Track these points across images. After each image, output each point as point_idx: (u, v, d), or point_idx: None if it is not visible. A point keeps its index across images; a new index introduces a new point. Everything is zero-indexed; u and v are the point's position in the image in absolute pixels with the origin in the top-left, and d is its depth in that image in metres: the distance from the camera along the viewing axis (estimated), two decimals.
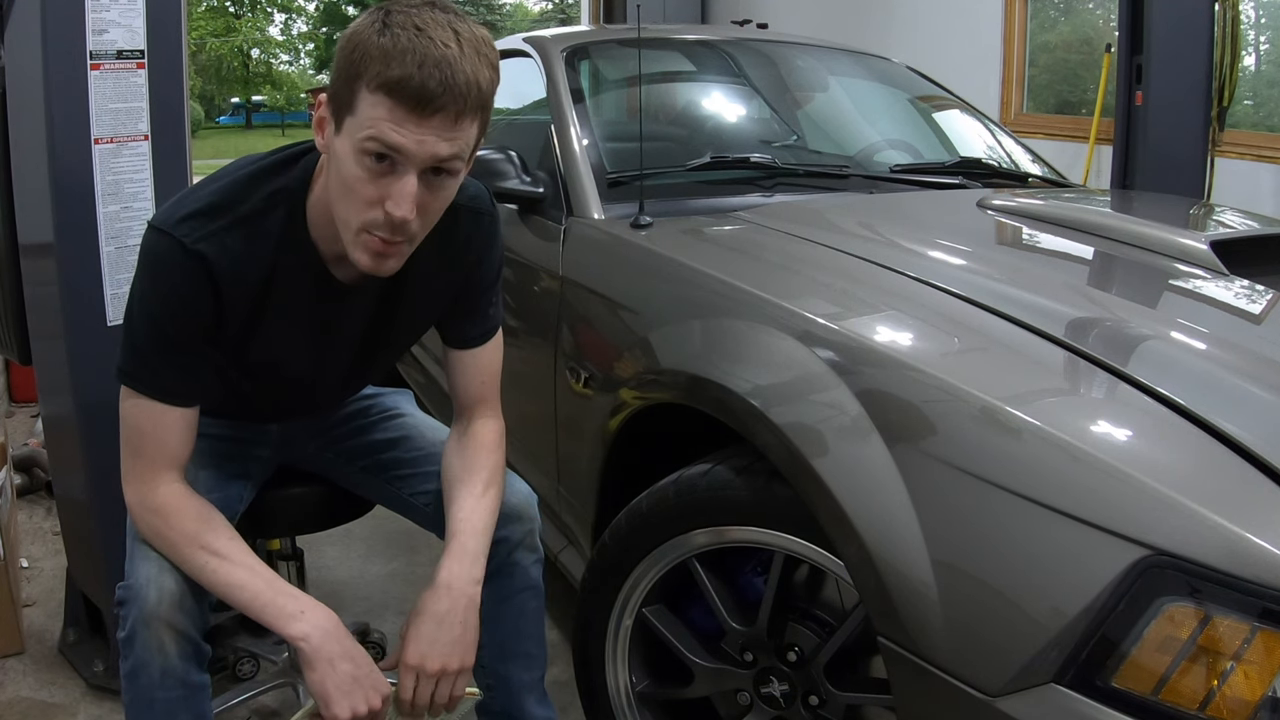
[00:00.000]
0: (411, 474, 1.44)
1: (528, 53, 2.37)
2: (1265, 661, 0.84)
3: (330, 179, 1.10)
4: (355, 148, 1.04)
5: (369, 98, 1.02)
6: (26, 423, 3.34)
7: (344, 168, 1.06)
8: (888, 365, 1.13)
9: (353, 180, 1.05)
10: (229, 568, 1.15)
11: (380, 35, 1.01)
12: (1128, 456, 0.94)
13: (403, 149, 1.02)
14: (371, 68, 1.01)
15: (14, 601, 2.01)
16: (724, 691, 1.38)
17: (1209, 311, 1.35)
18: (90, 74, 1.62)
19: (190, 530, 1.16)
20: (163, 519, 1.17)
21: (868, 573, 1.04)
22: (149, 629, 1.16)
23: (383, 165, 1.04)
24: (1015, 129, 3.77)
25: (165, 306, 1.13)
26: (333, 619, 1.15)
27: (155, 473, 1.17)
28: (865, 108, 2.59)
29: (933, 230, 1.71)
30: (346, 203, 1.07)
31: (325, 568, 2.40)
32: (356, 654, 1.14)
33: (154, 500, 1.17)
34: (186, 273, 1.11)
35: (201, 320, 1.15)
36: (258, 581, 1.15)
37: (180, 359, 1.16)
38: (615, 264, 1.70)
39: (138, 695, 1.17)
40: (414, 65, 1.00)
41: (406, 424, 1.51)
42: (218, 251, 1.12)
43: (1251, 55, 4.04)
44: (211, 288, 1.13)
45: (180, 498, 1.18)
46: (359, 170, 1.04)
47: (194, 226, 1.11)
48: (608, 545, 1.44)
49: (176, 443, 1.18)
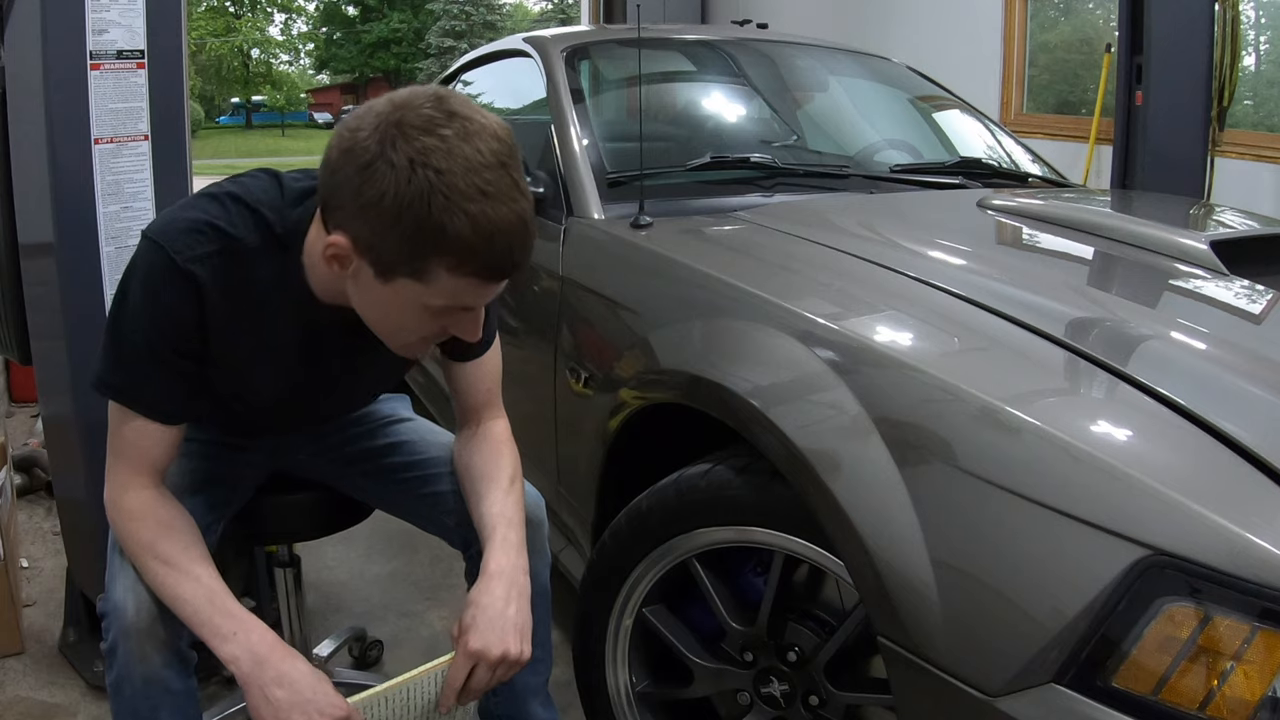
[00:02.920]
0: (413, 477, 1.43)
1: (528, 53, 2.37)
2: (1265, 661, 0.84)
3: (367, 306, 1.07)
4: (420, 304, 1.02)
5: (448, 278, 0.99)
6: (26, 423, 3.34)
7: (408, 314, 1.04)
8: (888, 365, 1.13)
9: (413, 323, 1.06)
10: (176, 579, 1.12)
11: (455, 216, 0.95)
12: (1128, 456, 0.94)
13: (475, 304, 1.05)
14: (453, 255, 0.97)
15: (14, 601, 2.01)
16: (724, 691, 1.38)
17: (1209, 311, 1.35)
18: (90, 74, 1.62)
19: (147, 538, 1.14)
20: (127, 522, 1.15)
21: (868, 573, 1.04)
22: (130, 640, 1.15)
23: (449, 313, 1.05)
24: (1015, 129, 3.77)
25: (154, 320, 1.11)
26: (267, 641, 1.09)
27: (131, 477, 1.16)
28: (865, 108, 2.59)
29: (933, 230, 1.71)
30: (406, 332, 1.08)
31: (325, 568, 2.40)
32: (294, 676, 1.08)
33: (124, 503, 1.16)
34: (178, 290, 1.09)
35: (188, 337, 1.13)
36: (199, 597, 1.10)
37: (167, 375, 1.14)
38: (615, 264, 1.70)
39: (123, 706, 1.17)
40: (503, 248, 0.97)
41: (406, 429, 1.50)
42: (208, 273, 1.10)
43: (1251, 55, 4.04)
44: (199, 307, 1.11)
45: (148, 504, 1.16)
46: (415, 316, 1.04)
47: (189, 244, 1.09)
48: (608, 545, 1.44)
49: (158, 454, 1.17)
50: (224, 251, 1.11)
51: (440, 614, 2.19)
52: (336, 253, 1.02)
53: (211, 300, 1.11)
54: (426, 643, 2.09)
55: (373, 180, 0.96)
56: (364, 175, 0.96)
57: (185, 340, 1.13)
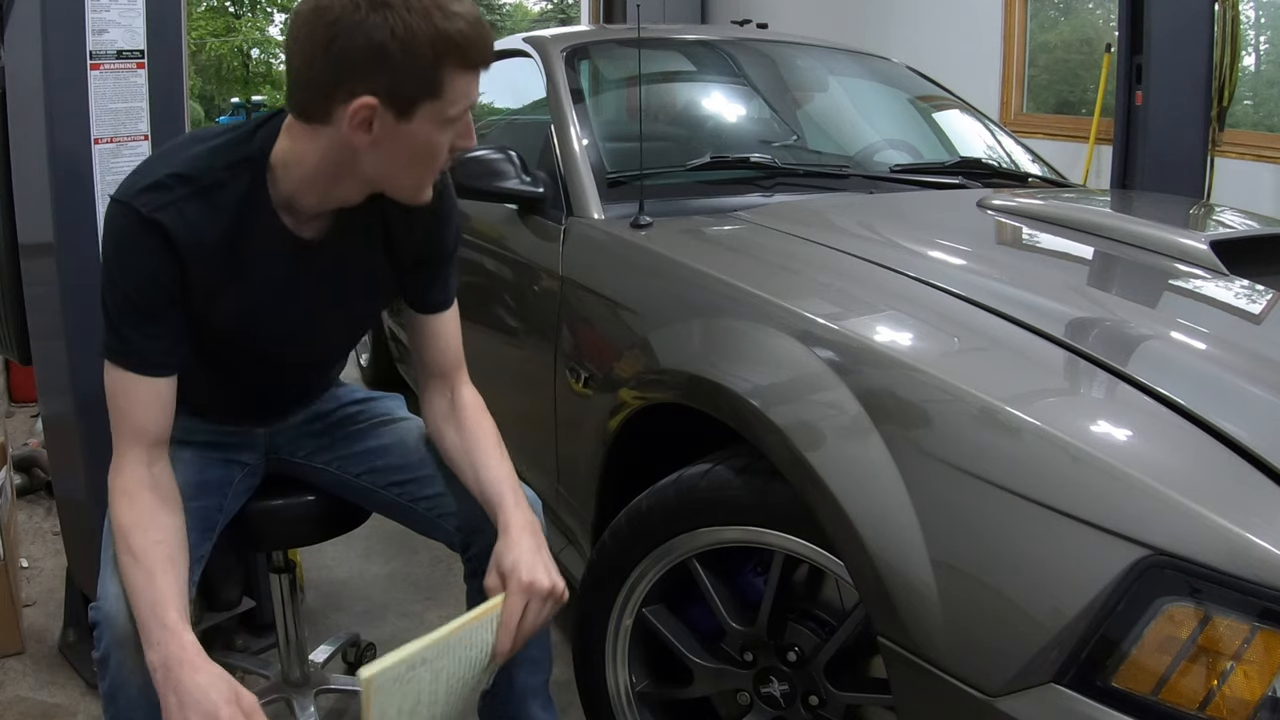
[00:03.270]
0: (408, 480, 1.43)
1: (528, 53, 2.37)
2: (1265, 661, 0.84)
3: (391, 159, 1.15)
4: (442, 121, 1.12)
5: (458, 78, 1.10)
6: (26, 423, 3.34)
7: (427, 144, 1.13)
8: (888, 365, 1.13)
9: (436, 148, 1.14)
10: (133, 570, 1.13)
11: (446, 20, 1.07)
12: (1128, 456, 0.94)
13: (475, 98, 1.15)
14: (455, 54, 1.08)
15: (14, 601, 2.01)
16: (724, 691, 1.38)
17: (1209, 311, 1.35)
18: (90, 74, 1.62)
19: (125, 523, 1.16)
20: (114, 501, 1.18)
21: (868, 573, 1.04)
22: (123, 650, 1.15)
23: (455, 121, 1.14)
24: (1015, 129, 3.77)
25: (128, 274, 1.16)
26: (181, 654, 1.07)
27: (126, 449, 1.19)
28: (865, 107, 2.59)
29: (933, 230, 1.71)
30: (424, 166, 1.16)
31: (324, 568, 2.40)
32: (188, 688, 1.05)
33: (119, 480, 1.18)
34: (147, 241, 1.14)
35: (166, 287, 1.17)
36: (144, 599, 1.11)
37: (146, 327, 1.18)
38: (615, 264, 1.70)
39: (117, 714, 1.17)
40: (485, 36, 1.11)
41: (399, 429, 1.49)
42: (175, 220, 1.14)
43: (1251, 55, 4.04)
44: (174, 255, 1.16)
45: (137, 487, 1.18)
46: (440, 136, 1.13)
47: (152, 198, 1.14)
48: (608, 545, 1.44)
49: (146, 417, 1.19)
50: (189, 195, 1.16)
51: (440, 614, 2.19)
52: (366, 115, 1.09)
53: (183, 244, 1.15)
54: None
55: (373, 32, 1.05)
56: (362, 32, 1.06)
57: (164, 288, 1.17)
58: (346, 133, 1.11)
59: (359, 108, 1.09)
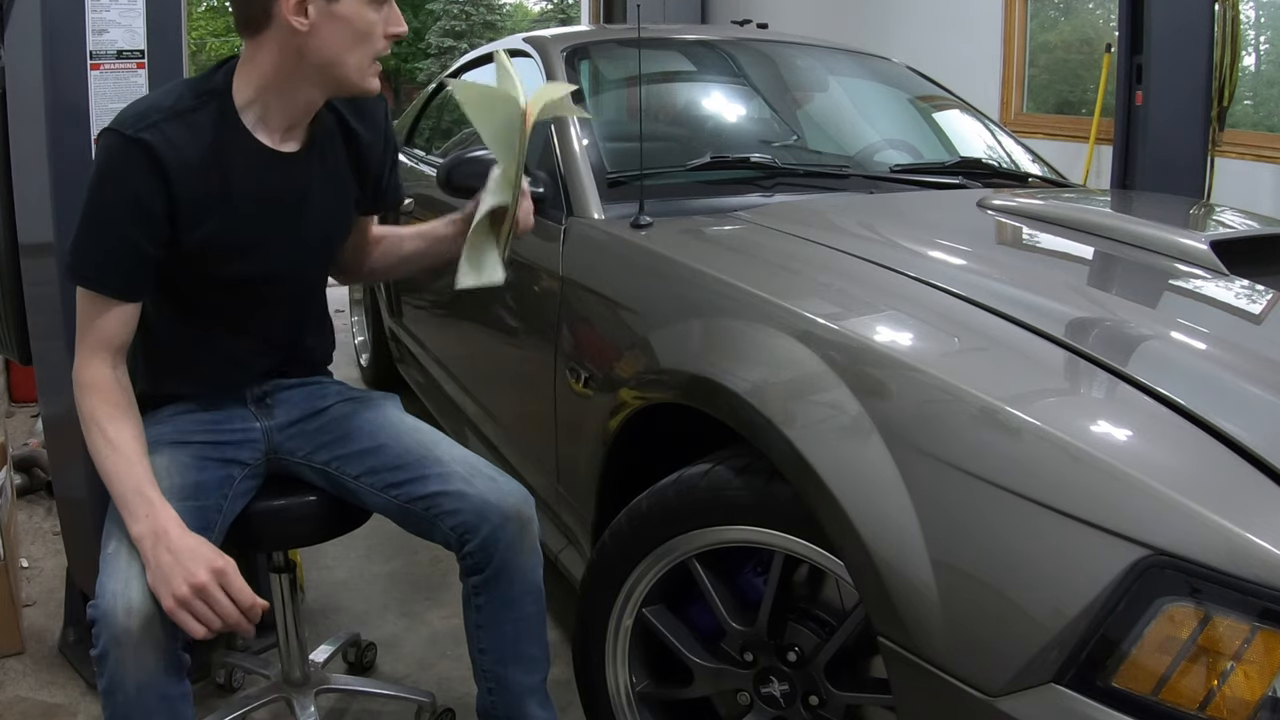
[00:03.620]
0: (405, 480, 1.43)
1: (528, 53, 2.37)
2: (1265, 661, 0.84)
3: (330, 42, 1.27)
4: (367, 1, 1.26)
5: None
6: (26, 423, 3.34)
7: (359, 20, 1.27)
8: (888, 365, 1.13)
9: (370, 25, 1.28)
10: (113, 458, 1.26)
11: None
12: (1128, 456, 0.94)
13: None
14: None
15: (14, 601, 2.01)
16: (724, 691, 1.38)
17: (1209, 311, 1.35)
18: (90, 74, 1.62)
19: (100, 415, 1.28)
20: (86, 395, 1.29)
21: (868, 573, 1.04)
22: (121, 647, 1.15)
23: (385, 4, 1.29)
24: (1015, 129, 3.77)
25: (113, 195, 1.25)
26: (169, 525, 1.20)
27: (92, 353, 1.30)
28: (865, 108, 2.59)
29: (933, 230, 1.71)
30: (363, 47, 1.28)
31: (325, 568, 2.40)
32: (180, 546, 1.19)
33: (85, 377, 1.29)
34: (131, 159, 1.24)
35: (147, 209, 1.26)
36: (127, 478, 1.24)
37: (123, 249, 1.27)
38: (615, 264, 1.70)
39: (115, 712, 1.17)
40: None
41: (396, 427, 1.50)
42: (158, 138, 1.25)
43: (1251, 55, 4.04)
44: (159, 174, 1.25)
45: (107, 383, 1.30)
46: (372, 14, 1.27)
47: (133, 120, 1.25)
48: (608, 545, 1.44)
49: (114, 332, 1.30)
50: (167, 118, 1.27)
51: (440, 614, 2.19)
52: (300, 2, 1.24)
53: (168, 161, 1.25)
54: (426, 643, 2.09)
55: None
56: None
57: (146, 210, 1.26)
58: (288, 29, 1.24)
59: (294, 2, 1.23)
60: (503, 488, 1.41)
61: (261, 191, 1.34)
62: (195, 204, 1.29)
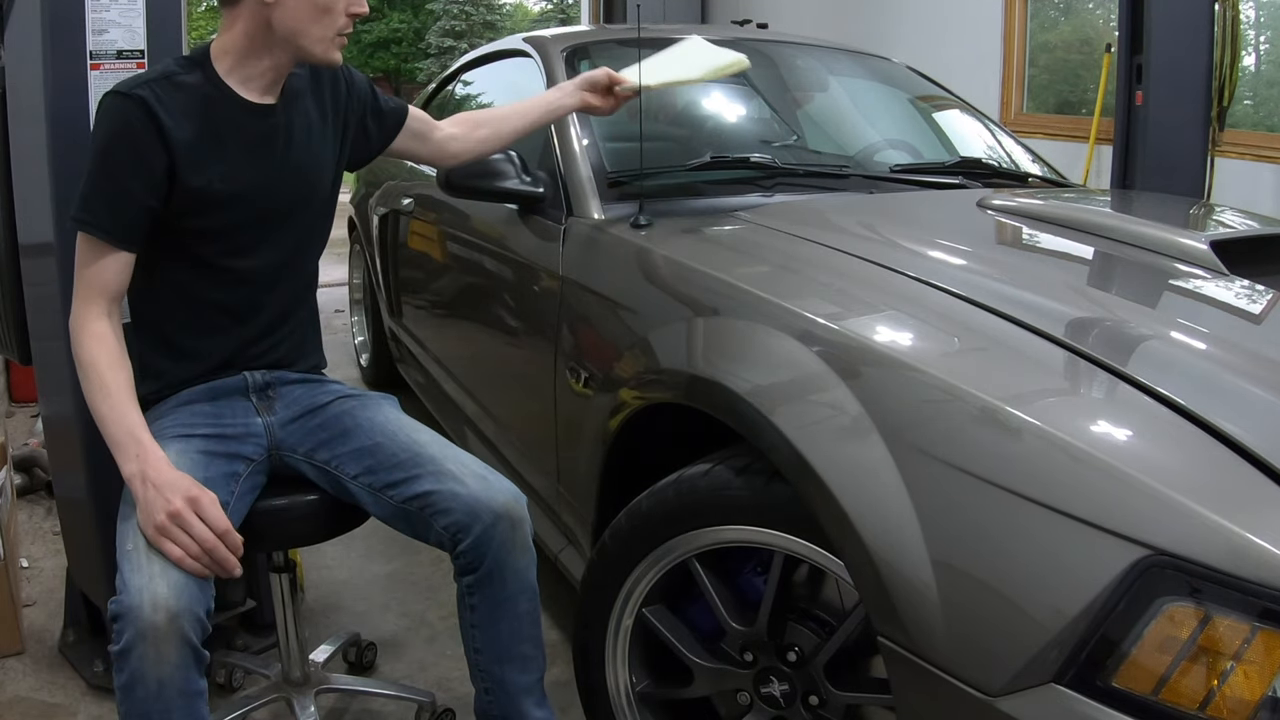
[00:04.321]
0: (401, 479, 1.43)
1: (528, 53, 2.37)
2: (1265, 661, 0.84)
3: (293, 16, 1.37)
4: None
5: None
6: (26, 423, 3.34)
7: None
8: (888, 365, 1.13)
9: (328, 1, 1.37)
10: (107, 403, 1.32)
11: None
12: (1128, 456, 0.94)
13: None
14: None
15: (14, 601, 2.01)
16: (724, 691, 1.38)
17: (1209, 311, 1.35)
18: (90, 74, 1.62)
19: (100, 363, 1.34)
20: (82, 340, 1.35)
21: (868, 573, 1.04)
22: (146, 642, 1.16)
23: None
24: (1015, 129, 3.77)
25: (111, 143, 1.34)
26: (160, 464, 1.28)
27: (90, 301, 1.36)
28: (865, 107, 2.59)
29: (933, 230, 1.71)
30: (323, 21, 1.38)
31: (325, 568, 2.40)
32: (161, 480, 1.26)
33: (82, 322, 1.36)
34: (130, 113, 1.34)
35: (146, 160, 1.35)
36: (121, 422, 1.31)
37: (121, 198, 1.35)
38: (615, 264, 1.70)
39: (132, 708, 1.17)
40: None
41: (392, 426, 1.50)
42: (152, 94, 1.35)
43: (1251, 55, 4.04)
44: (153, 123, 1.34)
45: (106, 334, 1.36)
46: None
47: (129, 83, 1.37)
48: (608, 545, 1.44)
49: (109, 279, 1.37)
50: (157, 79, 1.38)
51: (440, 614, 2.20)
52: None
53: (161, 114, 1.35)
54: (426, 643, 2.09)
55: None
56: None
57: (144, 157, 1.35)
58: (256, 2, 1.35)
59: None
60: (494, 486, 1.41)
61: (247, 138, 1.43)
62: (191, 152, 1.38)
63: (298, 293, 1.59)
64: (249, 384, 1.51)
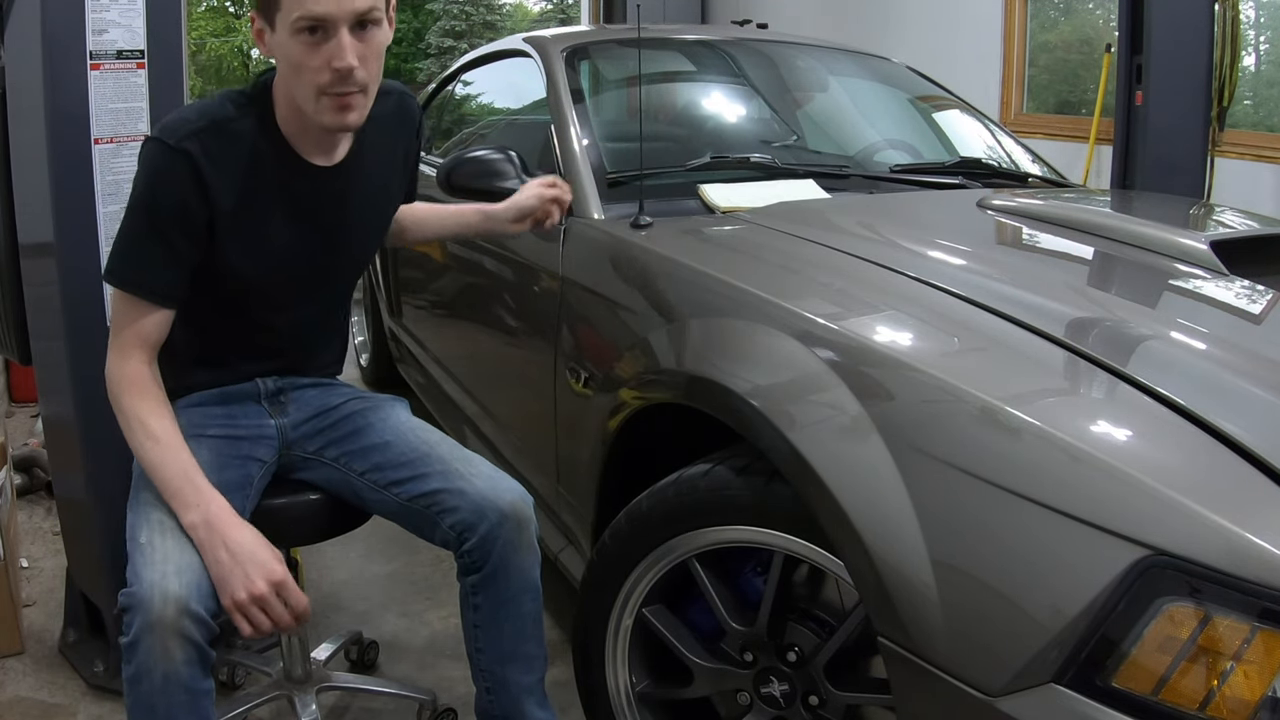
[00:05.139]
0: (408, 477, 1.44)
1: (528, 53, 2.37)
2: (1265, 661, 0.84)
3: (283, 75, 1.29)
4: (291, 31, 1.22)
5: None
6: (26, 423, 3.34)
7: (290, 52, 1.24)
8: (888, 365, 1.13)
9: (299, 58, 1.24)
10: (159, 451, 1.27)
11: None
12: (1128, 456, 0.94)
13: (326, 15, 1.21)
14: None
15: (14, 601, 2.01)
16: (724, 691, 1.38)
17: (1209, 311, 1.35)
18: (90, 74, 1.62)
19: (142, 411, 1.29)
20: (127, 391, 1.30)
21: (868, 573, 1.04)
22: (154, 635, 1.16)
23: (317, 36, 1.23)
24: (1015, 129, 3.77)
25: (155, 201, 1.28)
26: (222, 514, 1.24)
27: (131, 351, 1.32)
28: (865, 108, 2.59)
29: (933, 230, 1.71)
30: (300, 80, 1.26)
31: (325, 568, 2.40)
32: (240, 541, 1.22)
33: (125, 373, 1.31)
34: (174, 168, 1.27)
35: (189, 216, 1.29)
36: (176, 469, 1.26)
37: (164, 255, 1.29)
38: (615, 264, 1.70)
39: (139, 701, 1.18)
40: None
41: (401, 427, 1.51)
42: (199, 149, 1.27)
43: (1251, 55, 4.03)
44: (199, 182, 1.27)
45: (146, 380, 1.31)
46: (300, 48, 1.23)
47: (178, 128, 1.28)
48: (608, 545, 1.44)
49: (149, 332, 1.33)
50: (209, 127, 1.29)
51: (440, 614, 2.19)
52: (257, 28, 1.28)
53: (207, 170, 1.28)
54: (426, 642, 2.09)
55: None
56: None
57: (189, 213, 1.28)
58: None
59: (251, 18, 1.29)
60: (500, 486, 1.41)
61: (296, 207, 1.36)
62: (234, 218, 1.31)
63: (330, 320, 1.58)
64: (261, 390, 1.51)
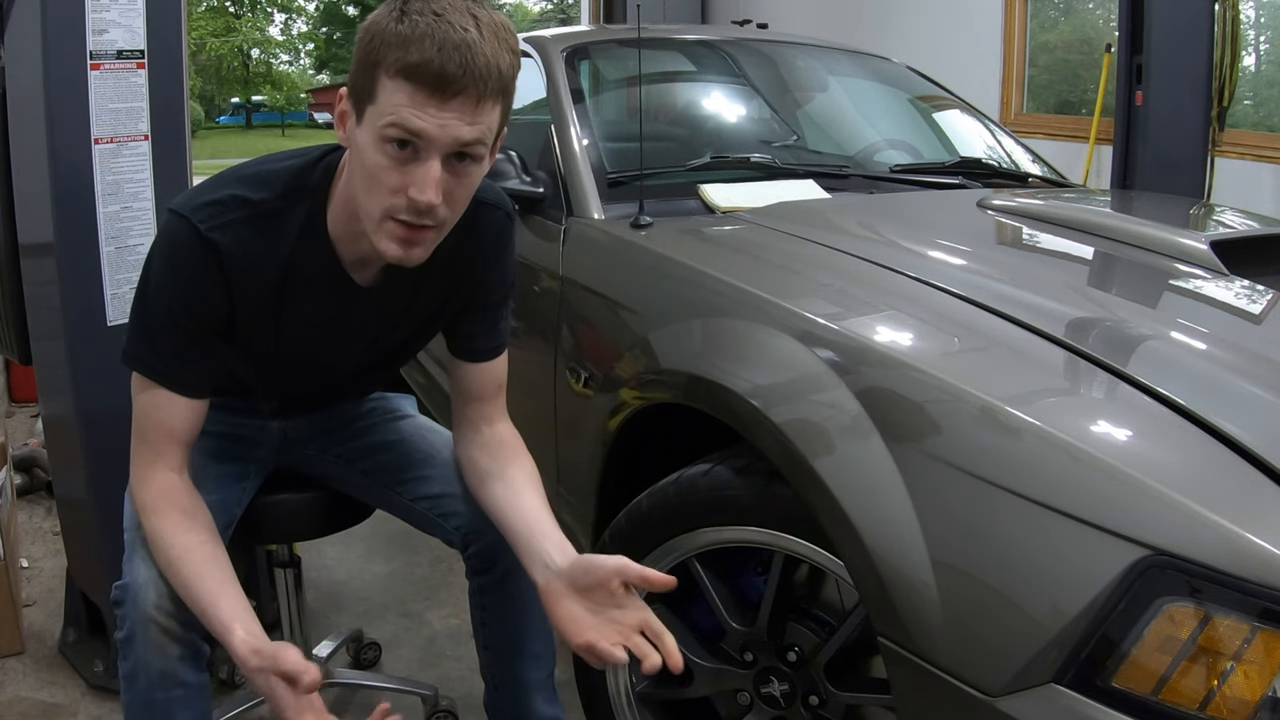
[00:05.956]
0: (412, 478, 1.43)
1: (528, 53, 2.36)
2: (1265, 661, 0.84)
3: (353, 171, 1.10)
4: (377, 136, 1.03)
5: (389, 84, 1.01)
6: (26, 423, 3.34)
7: (367, 157, 1.04)
8: (888, 365, 1.13)
9: (376, 169, 1.04)
10: (187, 573, 1.12)
11: (398, 23, 1.01)
12: (1128, 456, 0.94)
13: (424, 134, 1.01)
14: (390, 54, 1.00)
15: (14, 601, 2.01)
16: (724, 691, 1.38)
17: (1209, 311, 1.35)
18: (90, 74, 1.62)
19: (166, 529, 1.15)
20: (148, 513, 1.16)
21: (868, 573, 1.04)
22: (147, 630, 1.16)
23: (405, 152, 1.03)
24: (1015, 129, 3.76)
25: (175, 288, 1.13)
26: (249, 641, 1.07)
27: (155, 459, 1.17)
28: (865, 108, 2.59)
29: (933, 230, 1.71)
30: (370, 192, 1.06)
31: (325, 568, 2.40)
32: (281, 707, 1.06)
33: (147, 491, 1.17)
34: (199, 259, 1.12)
35: (210, 309, 1.15)
36: (202, 588, 1.11)
37: (189, 347, 1.16)
38: (615, 264, 1.70)
39: (136, 696, 1.17)
40: (433, 49, 0.99)
41: (408, 427, 1.50)
42: (231, 241, 1.12)
43: (1251, 55, 4.04)
44: (223, 277, 1.13)
45: (173, 489, 1.17)
46: (382, 158, 1.03)
47: (212, 214, 1.12)
48: (608, 545, 1.44)
49: (180, 429, 1.18)
50: (248, 218, 1.13)
51: (440, 614, 2.20)
52: (342, 108, 1.09)
53: (235, 268, 1.13)
54: (426, 642, 2.09)
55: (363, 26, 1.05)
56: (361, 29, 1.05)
57: (209, 310, 1.15)
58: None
59: (339, 96, 1.09)
60: None
61: (323, 312, 1.22)
62: (254, 315, 1.18)
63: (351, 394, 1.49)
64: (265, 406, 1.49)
